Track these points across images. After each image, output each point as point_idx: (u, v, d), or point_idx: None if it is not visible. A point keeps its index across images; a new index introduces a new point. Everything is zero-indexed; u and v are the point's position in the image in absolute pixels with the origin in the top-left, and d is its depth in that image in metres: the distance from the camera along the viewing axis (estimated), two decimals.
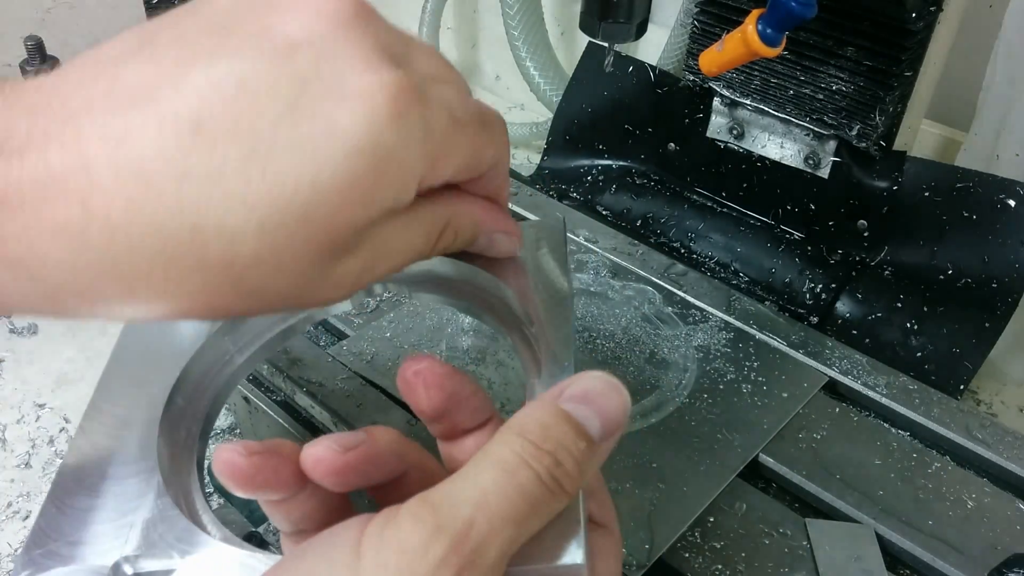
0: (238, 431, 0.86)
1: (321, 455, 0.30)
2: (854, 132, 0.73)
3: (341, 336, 0.66)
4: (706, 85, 0.81)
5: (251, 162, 0.27)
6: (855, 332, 0.76)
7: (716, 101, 0.81)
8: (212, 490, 0.80)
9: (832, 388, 0.65)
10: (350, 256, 0.30)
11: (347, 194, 0.28)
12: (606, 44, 0.70)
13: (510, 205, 0.81)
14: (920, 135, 0.85)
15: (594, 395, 0.29)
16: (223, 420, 0.88)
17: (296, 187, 0.27)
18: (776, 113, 0.77)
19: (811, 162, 0.78)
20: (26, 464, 0.75)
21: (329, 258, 0.29)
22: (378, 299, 0.68)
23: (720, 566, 0.51)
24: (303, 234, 0.28)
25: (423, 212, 0.33)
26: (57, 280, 0.27)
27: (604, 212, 0.90)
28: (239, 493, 0.30)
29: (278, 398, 0.62)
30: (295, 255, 0.28)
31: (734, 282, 0.81)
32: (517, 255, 0.40)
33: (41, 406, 0.80)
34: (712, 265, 0.83)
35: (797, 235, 0.82)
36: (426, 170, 0.31)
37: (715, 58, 0.61)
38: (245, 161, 0.27)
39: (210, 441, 0.36)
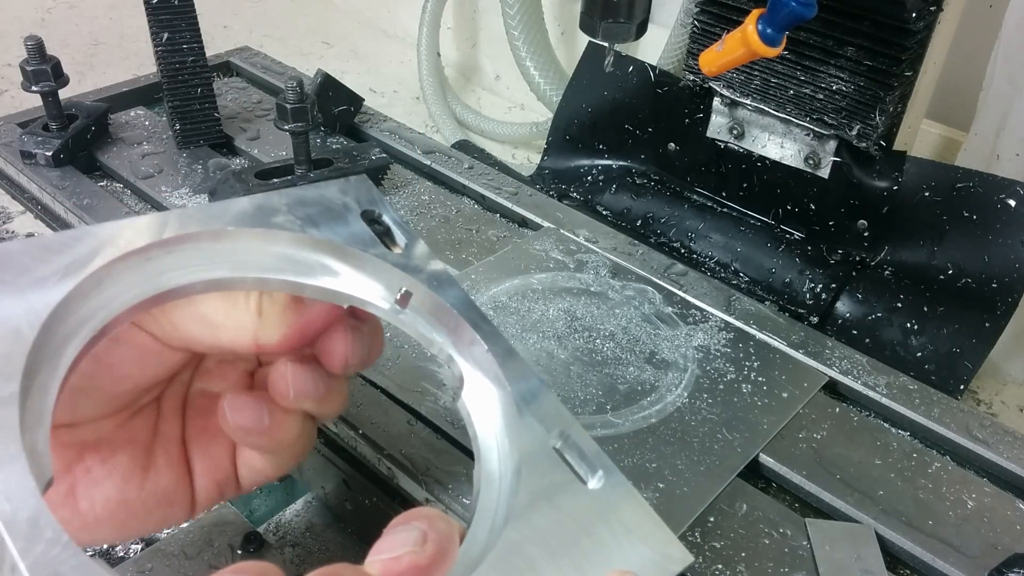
0: None
1: None
2: (854, 132, 0.73)
3: None
4: (706, 85, 0.81)
5: None
6: (855, 332, 0.76)
7: (716, 101, 0.81)
8: None
9: (832, 388, 0.65)
10: None
11: None
12: (606, 44, 0.70)
13: (510, 205, 0.81)
14: (920, 135, 0.85)
15: None
16: None
17: None
18: (776, 113, 0.77)
19: (811, 162, 0.78)
20: None
21: None
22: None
23: (720, 566, 0.51)
24: None
25: None
26: None
27: (604, 212, 0.90)
28: None
29: None
30: None
31: (734, 282, 0.81)
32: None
33: None
34: (712, 265, 0.83)
35: (797, 235, 0.82)
36: None
37: (715, 58, 0.61)
38: None
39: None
